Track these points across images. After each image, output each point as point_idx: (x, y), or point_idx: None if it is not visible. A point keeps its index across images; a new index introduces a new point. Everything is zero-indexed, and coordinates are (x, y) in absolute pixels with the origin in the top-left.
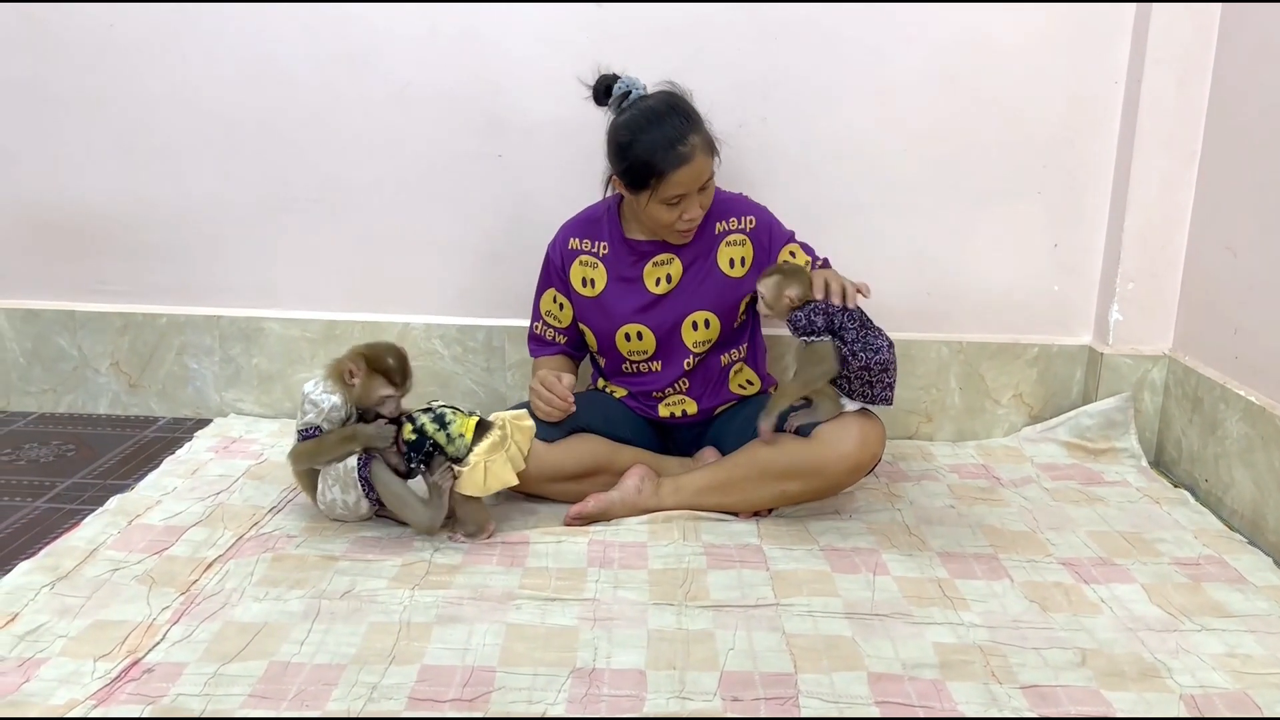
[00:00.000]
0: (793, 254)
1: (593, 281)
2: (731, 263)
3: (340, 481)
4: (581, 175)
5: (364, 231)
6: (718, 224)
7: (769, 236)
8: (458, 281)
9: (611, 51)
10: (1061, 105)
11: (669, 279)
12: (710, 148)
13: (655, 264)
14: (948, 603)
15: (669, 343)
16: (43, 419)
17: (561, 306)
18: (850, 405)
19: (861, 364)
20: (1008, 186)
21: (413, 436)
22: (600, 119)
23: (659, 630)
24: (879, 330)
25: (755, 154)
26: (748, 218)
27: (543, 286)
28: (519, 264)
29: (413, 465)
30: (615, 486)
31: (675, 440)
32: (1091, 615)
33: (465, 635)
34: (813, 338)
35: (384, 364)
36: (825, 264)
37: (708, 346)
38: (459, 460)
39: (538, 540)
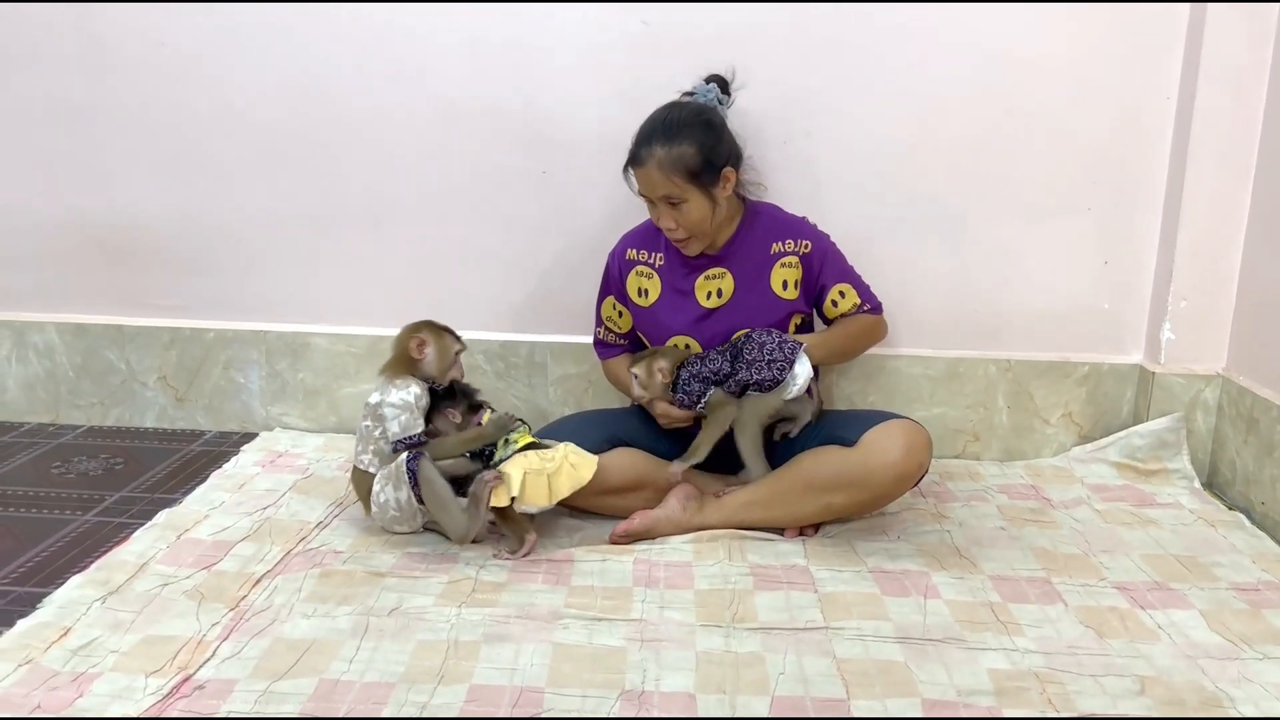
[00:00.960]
0: (842, 294)
1: (647, 292)
2: (785, 284)
3: (392, 479)
4: (625, 191)
5: (408, 247)
6: (774, 244)
7: (821, 266)
8: (500, 297)
9: (657, 68)
10: (1111, 119)
11: (720, 294)
12: (677, 168)
13: (707, 277)
14: (1001, 628)
15: None
16: (91, 432)
17: (620, 314)
18: (792, 389)
19: (751, 380)
20: (1056, 202)
21: None
22: None
23: (708, 653)
24: (756, 340)
25: (799, 169)
26: (804, 242)
27: (603, 294)
28: (562, 279)
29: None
30: (660, 504)
31: (720, 458)
32: (1149, 642)
33: (513, 655)
34: (701, 402)
35: (439, 324)
36: (875, 309)
37: None
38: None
39: (582, 558)
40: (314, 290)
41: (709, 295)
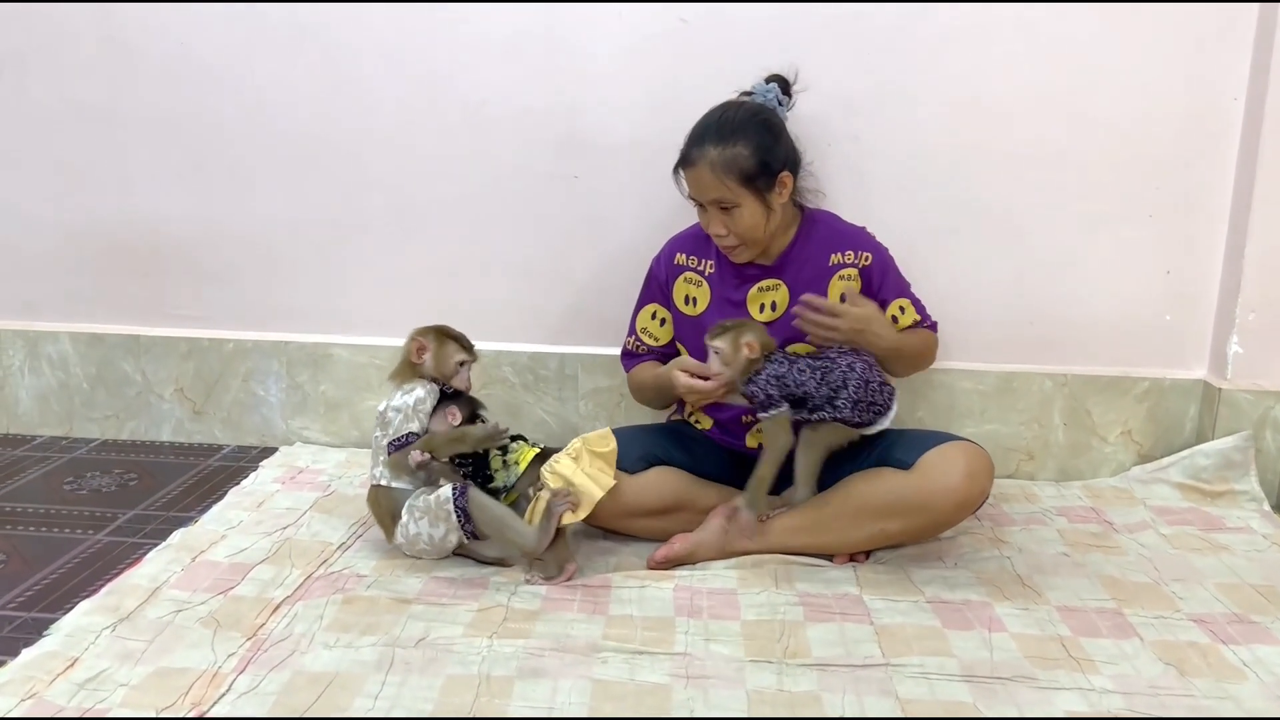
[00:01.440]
0: (901, 309)
1: (695, 300)
2: (843, 297)
3: (429, 514)
4: (661, 199)
5: (435, 254)
6: (833, 255)
7: (881, 279)
8: (530, 306)
9: (697, 70)
10: (1175, 122)
11: (774, 306)
12: (731, 170)
13: (760, 289)
14: (1074, 664)
15: None
16: (105, 446)
17: (662, 323)
18: (875, 429)
19: (836, 417)
20: (1116, 209)
21: None
22: (682, 142)
23: (759, 691)
24: (834, 355)
25: (845, 173)
26: (864, 254)
27: (643, 301)
28: (593, 289)
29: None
30: (700, 527)
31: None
32: (1236, 681)
33: (549, 692)
34: (769, 412)
35: (450, 331)
36: (932, 327)
37: None
38: (502, 491)
39: (620, 584)
40: (337, 299)
41: (762, 308)
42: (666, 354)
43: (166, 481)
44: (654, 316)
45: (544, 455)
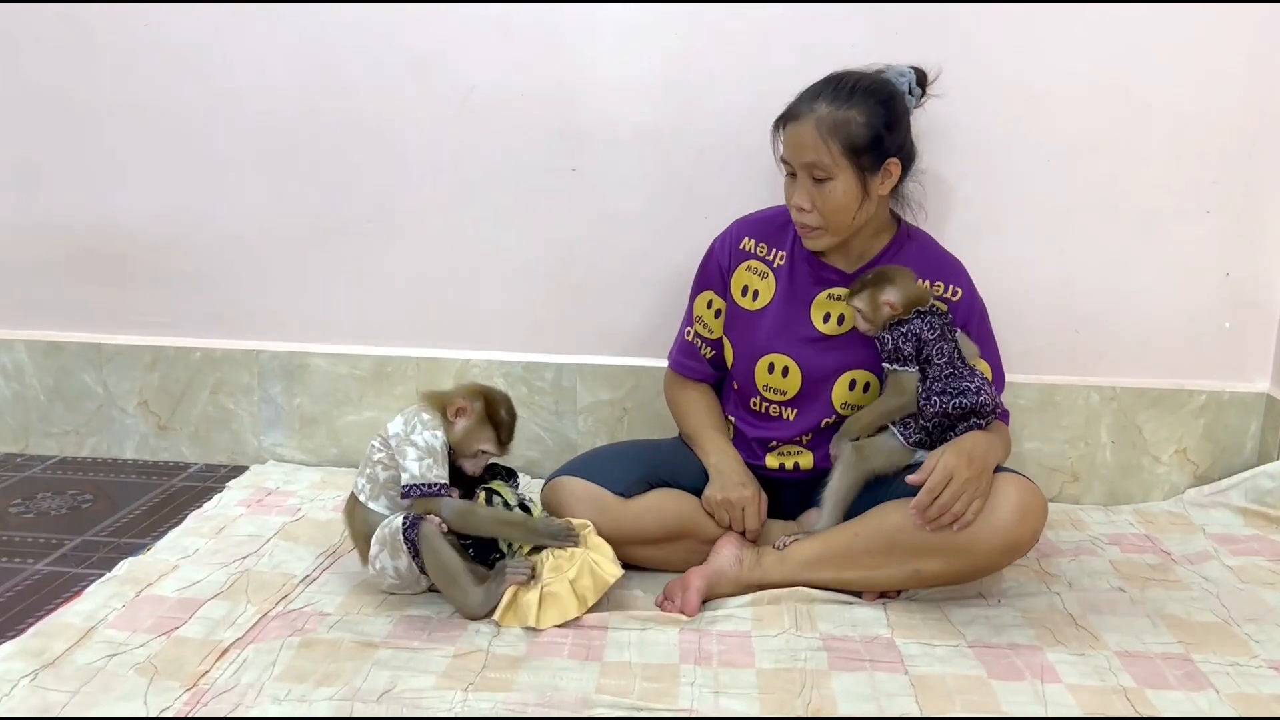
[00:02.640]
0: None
1: (756, 292)
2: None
3: (388, 546)
4: (670, 194)
5: (421, 256)
6: (921, 281)
7: (966, 322)
8: (524, 313)
9: (709, 52)
10: (1236, 107)
11: (840, 320)
12: (837, 133)
13: (831, 296)
14: None
15: (814, 394)
16: (63, 464)
17: (717, 314)
18: (920, 455)
19: (937, 410)
20: (1171, 204)
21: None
22: (698, 130)
23: None
24: (970, 370)
25: None
26: (955, 288)
27: (700, 286)
28: (594, 293)
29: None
30: (711, 557)
31: (776, 500)
32: None
33: None
34: (898, 366)
35: (500, 416)
36: (1004, 415)
37: (853, 411)
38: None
39: (618, 626)
40: (313, 305)
41: (826, 318)
42: (718, 350)
43: (124, 504)
44: (709, 306)
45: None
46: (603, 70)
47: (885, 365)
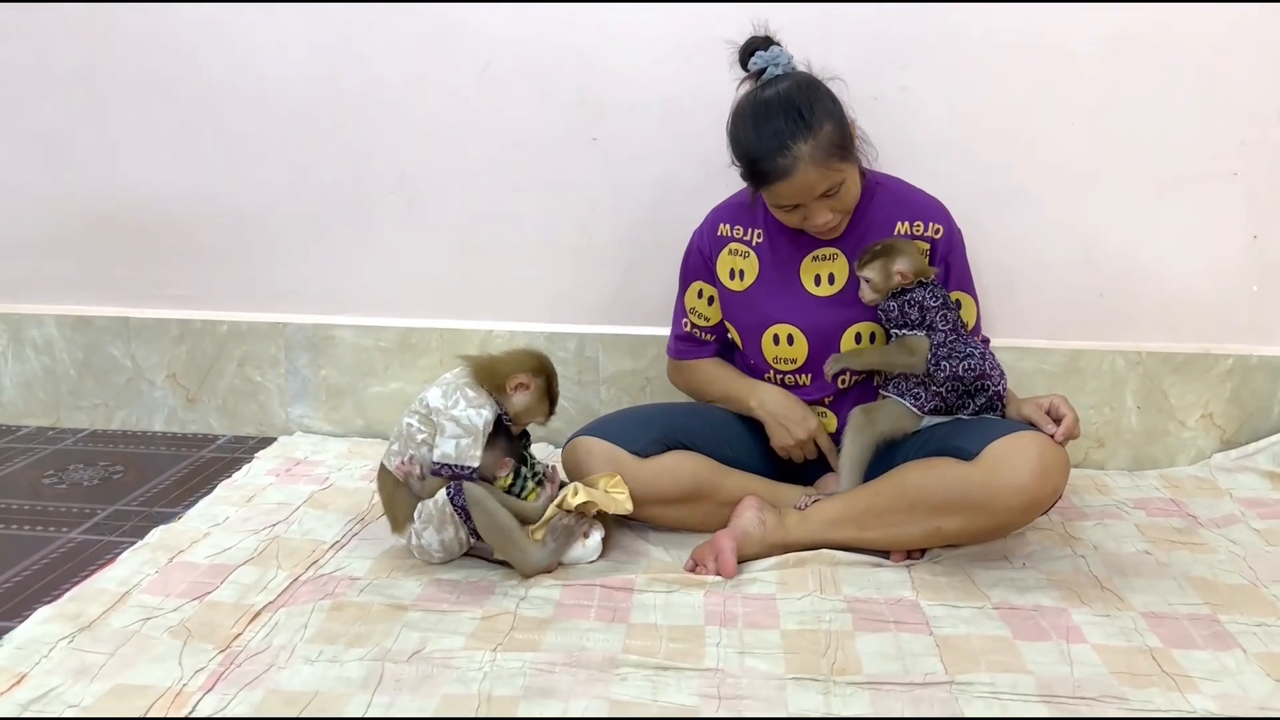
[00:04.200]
0: (958, 304)
1: (742, 273)
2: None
3: (433, 522)
4: (690, 161)
5: (443, 228)
6: (900, 224)
7: (947, 258)
8: (546, 283)
9: (728, 17)
10: (1265, 69)
11: (831, 279)
12: (831, 153)
13: (815, 259)
14: (1170, 681)
15: (823, 356)
16: (93, 437)
17: (710, 301)
18: (929, 421)
19: (948, 374)
20: (1198, 168)
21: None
22: (718, 98)
23: (803, 716)
24: (970, 338)
25: (893, 131)
26: (935, 225)
27: (687, 280)
28: (615, 263)
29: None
30: (734, 520)
31: (796, 465)
32: None
33: (560, 714)
34: (905, 331)
35: (555, 390)
36: (985, 344)
37: None
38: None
39: (644, 588)
40: (338, 277)
41: (817, 280)
42: (718, 334)
43: (154, 475)
44: (700, 295)
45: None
46: (622, 38)
47: (893, 331)
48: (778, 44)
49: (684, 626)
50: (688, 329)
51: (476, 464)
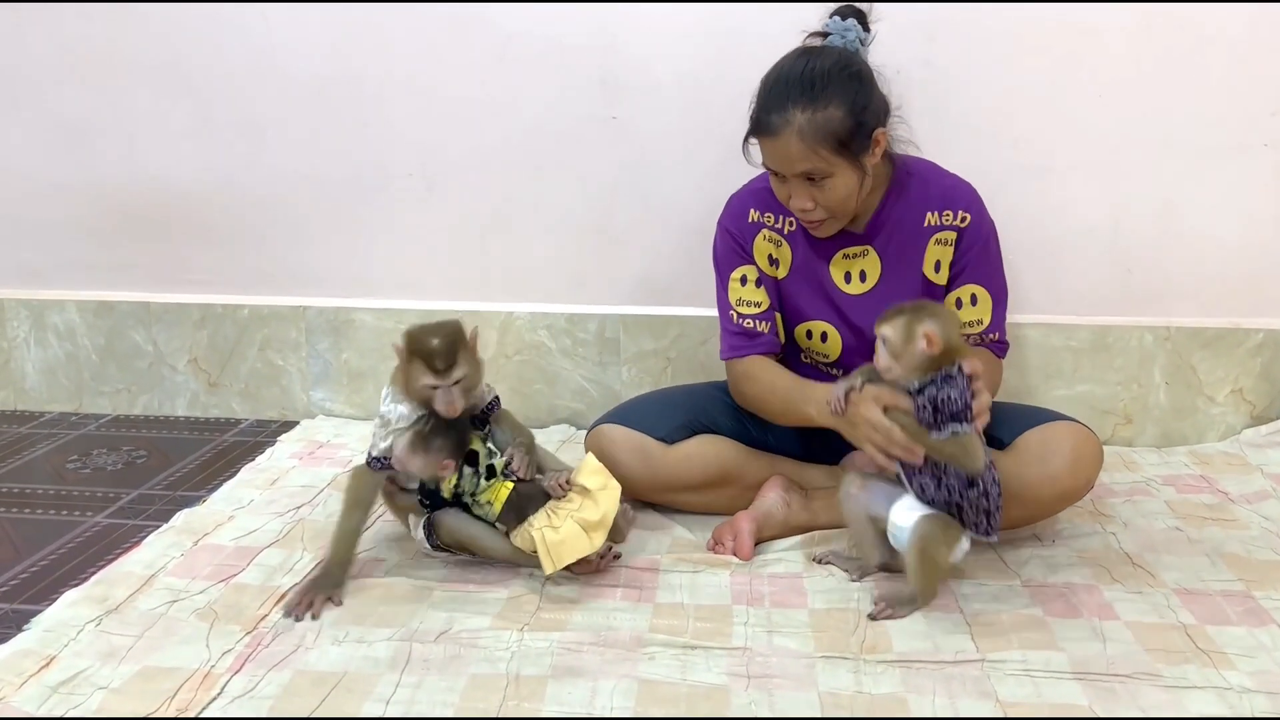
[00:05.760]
0: (974, 299)
1: (778, 261)
2: (937, 265)
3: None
4: (711, 141)
5: (463, 209)
6: (929, 215)
7: (969, 248)
8: (566, 264)
9: None
10: None
11: (863, 277)
12: (825, 138)
13: (846, 256)
14: (1204, 658)
15: (859, 353)
16: (116, 422)
17: (758, 284)
18: (966, 543)
19: (947, 499)
20: (1227, 140)
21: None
22: (739, 76)
23: (834, 694)
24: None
25: (917, 105)
26: (963, 214)
27: (725, 269)
28: (636, 243)
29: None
30: (757, 501)
31: (824, 444)
32: None
33: (588, 693)
34: (946, 429)
35: (423, 345)
36: (1001, 348)
37: None
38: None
39: (669, 568)
40: (358, 260)
41: (847, 277)
42: (772, 321)
43: (177, 459)
44: (745, 282)
45: (519, 495)
46: (641, 17)
47: (931, 441)
48: (866, 26)
49: (711, 606)
50: (736, 321)
51: (378, 454)
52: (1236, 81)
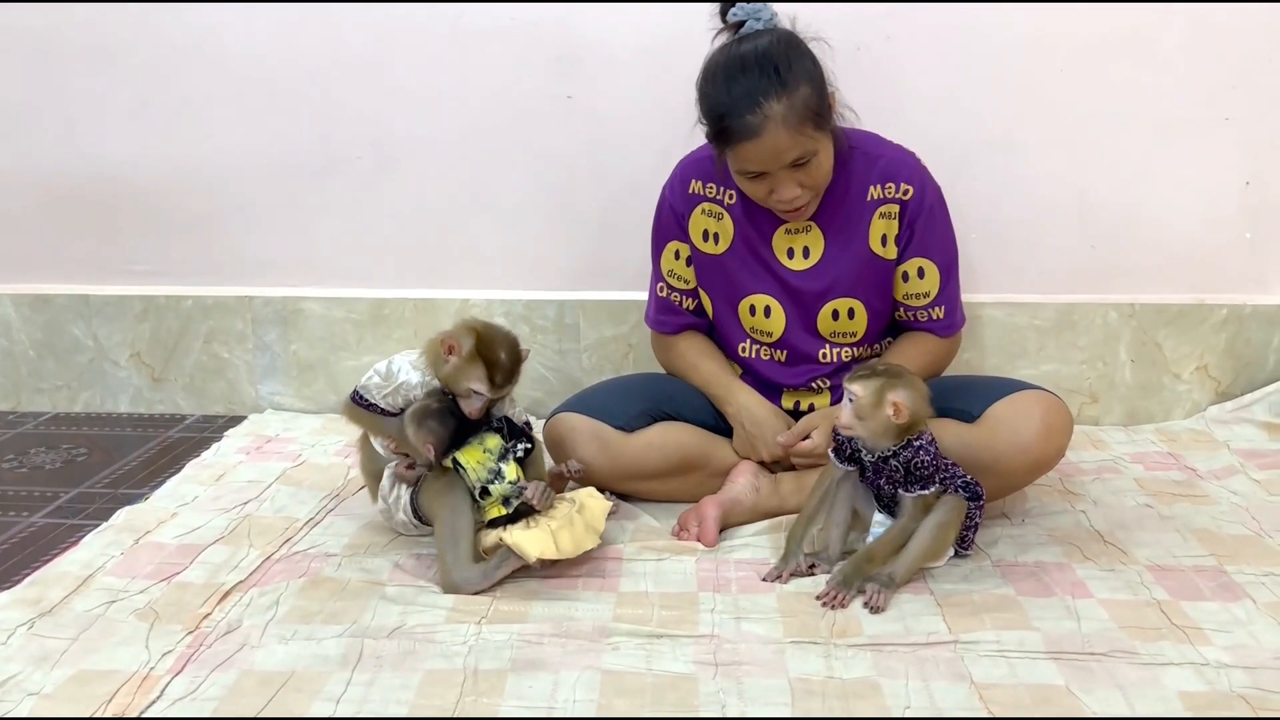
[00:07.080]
0: (921, 273)
1: (717, 236)
2: (884, 239)
3: (400, 484)
4: (672, 117)
5: (415, 193)
6: (872, 189)
7: (914, 220)
8: (523, 248)
9: None
10: (1257, 12)
11: (806, 253)
12: (805, 118)
13: (788, 231)
14: (1180, 634)
15: (802, 330)
16: (56, 419)
17: (688, 262)
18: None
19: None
20: (1189, 113)
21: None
22: (695, 47)
23: (804, 680)
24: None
25: (878, 80)
26: (905, 186)
27: (661, 240)
28: (595, 226)
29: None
30: (725, 486)
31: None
32: None
33: (550, 687)
34: (914, 489)
35: (493, 353)
36: (950, 327)
37: (851, 341)
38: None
39: (632, 557)
40: (307, 247)
41: (790, 253)
42: (695, 300)
43: (119, 456)
44: (677, 256)
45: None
46: None
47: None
48: None
49: (676, 594)
50: (664, 294)
51: (367, 394)
52: (1198, 55)
